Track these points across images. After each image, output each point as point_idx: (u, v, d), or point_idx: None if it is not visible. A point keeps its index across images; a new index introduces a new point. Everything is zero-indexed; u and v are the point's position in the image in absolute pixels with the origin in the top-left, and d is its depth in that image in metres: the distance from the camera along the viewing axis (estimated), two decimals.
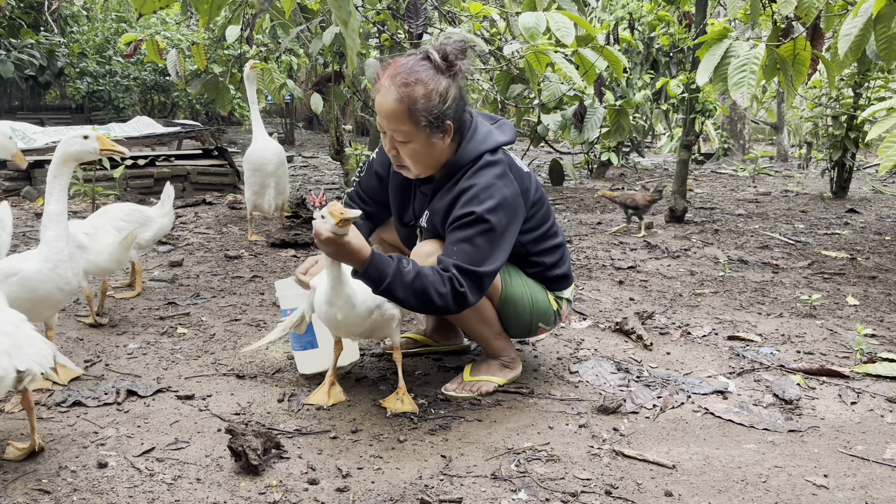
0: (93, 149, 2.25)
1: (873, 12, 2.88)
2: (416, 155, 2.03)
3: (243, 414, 2.07)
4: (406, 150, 2.03)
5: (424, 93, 1.95)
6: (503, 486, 1.70)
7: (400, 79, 1.96)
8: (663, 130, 10.10)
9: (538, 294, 2.23)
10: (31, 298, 2.12)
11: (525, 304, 2.20)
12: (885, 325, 3.00)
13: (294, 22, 4.12)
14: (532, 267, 2.23)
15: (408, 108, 1.95)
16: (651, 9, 8.06)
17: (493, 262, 1.98)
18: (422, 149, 2.02)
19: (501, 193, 2.00)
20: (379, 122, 2.04)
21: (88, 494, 1.63)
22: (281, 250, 4.25)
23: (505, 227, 2.00)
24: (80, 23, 11.29)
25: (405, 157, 2.04)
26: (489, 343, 2.28)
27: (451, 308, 1.96)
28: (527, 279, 2.23)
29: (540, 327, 2.28)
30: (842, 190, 6.88)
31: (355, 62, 1.84)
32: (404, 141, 2.00)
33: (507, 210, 2.00)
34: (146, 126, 7.80)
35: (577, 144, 8.90)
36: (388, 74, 1.99)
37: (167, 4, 2.75)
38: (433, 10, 3.94)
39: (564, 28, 2.74)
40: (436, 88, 1.97)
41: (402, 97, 1.95)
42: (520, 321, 2.23)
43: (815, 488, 1.72)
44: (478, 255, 1.95)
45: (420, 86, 1.95)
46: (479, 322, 2.20)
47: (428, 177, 2.14)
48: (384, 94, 1.98)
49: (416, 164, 2.06)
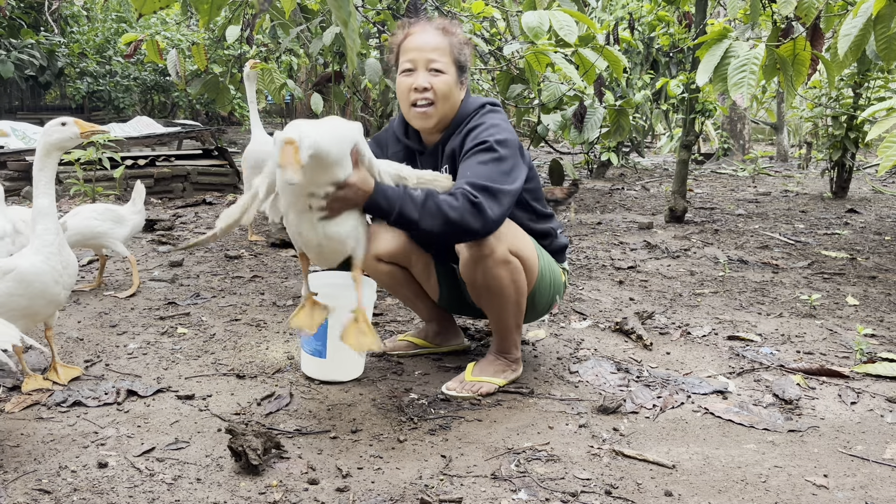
0: (73, 134, 2.21)
1: (873, 12, 2.88)
2: (446, 88, 2.16)
3: (243, 414, 2.07)
4: (440, 82, 2.16)
5: (459, 40, 2.21)
6: (503, 486, 1.70)
7: (439, 23, 2.23)
8: (663, 130, 10.10)
9: (554, 266, 2.34)
10: (28, 294, 2.11)
11: (547, 278, 2.29)
12: (885, 325, 3.00)
13: (294, 22, 4.12)
14: (544, 238, 2.32)
15: (450, 43, 2.18)
16: (651, 9, 8.06)
17: (507, 182, 2.03)
18: (451, 84, 2.18)
19: (508, 132, 2.14)
20: (413, 59, 2.17)
21: (88, 494, 1.63)
22: (281, 250, 4.25)
23: (514, 160, 2.10)
24: (80, 23, 11.29)
25: (438, 89, 2.15)
26: (508, 333, 2.27)
27: (471, 223, 1.94)
28: (544, 253, 2.31)
29: (555, 301, 2.37)
30: (842, 190, 6.88)
31: (355, 62, 1.84)
32: (442, 70, 2.16)
33: (514, 148, 2.12)
34: (146, 126, 7.81)
35: (577, 144, 8.89)
36: (421, 24, 2.23)
37: (167, 4, 2.75)
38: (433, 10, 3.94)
39: (567, 26, 2.74)
40: (464, 41, 2.25)
41: (446, 34, 2.19)
42: (543, 297, 2.31)
43: (815, 488, 1.72)
44: (490, 173, 2.02)
45: (455, 36, 2.22)
46: (513, 305, 2.18)
47: (432, 144, 2.28)
48: (424, 34, 2.18)
49: (442, 101, 2.17)
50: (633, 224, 5.38)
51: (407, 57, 2.18)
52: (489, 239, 2.06)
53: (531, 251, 2.20)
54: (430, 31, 2.19)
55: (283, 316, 2.99)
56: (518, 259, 2.14)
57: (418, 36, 2.18)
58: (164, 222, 4.80)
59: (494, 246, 2.08)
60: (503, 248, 2.10)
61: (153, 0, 2.66)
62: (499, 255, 2.09)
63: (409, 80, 2.17)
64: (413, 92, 2.16)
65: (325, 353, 2.26)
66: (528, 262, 2.18)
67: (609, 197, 6.94)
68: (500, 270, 2.11)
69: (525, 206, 2.27)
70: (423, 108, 2.17)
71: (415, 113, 2.18)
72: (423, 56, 2.15)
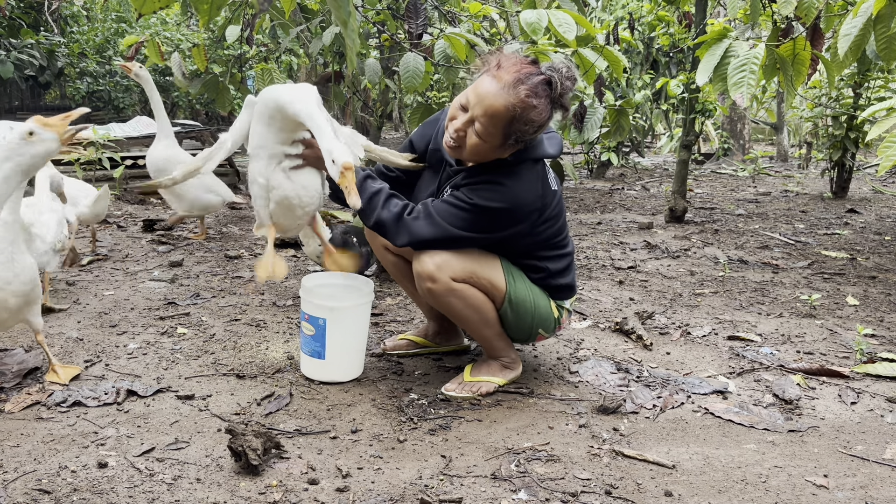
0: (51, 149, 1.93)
1: (873, 12, 2.88)
2: (478, 149, 2.02)
3: (243, 414, 2.07)
4: (473, 142, 2.01)
5: (529, 118, 1.96)
6: (503, 486, 1.70)
7: (523, 90, 1.93)
8: (663, 130, 10.10)
9: (540, 300, 2.22)
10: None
11: (527, 308, 2.19)
12: (885, 325, 3.00)
13: (294, 22, 4.12)
14: (536, 272, 2.22)
15: (511, 118, 1.95)
16: (651, 9, 8.06)
17: (453, 226, 2.05)
18: (488, 150, 2.03)
19: (501, 200, 2.03)
20: (470, 104, 1.99)
21: (88, 494, 1.63)
22: (281, 250, 4.25)
23: (479, 221, 2.05)
24: (80, 23, 11.29)
25: (469, 143, 2.02)
26: (490, 343, 2.28)
27: (390, 231, 2.09)
28: (531, 284, 2.21)
29: (539, 333, 2.27)
30: (842, 190, 6.88)
31: (355, 62, 1.84)
32: (482, 137, 1.99)
33: (489, 216, 2.04)
34: (146, 126, 7.79)
35: (577, 144, 8.89)
36: (513, 72, 1.95)
37: (167, 4, 2.74)
38: (433, 10, 3.94)
39: (566, 24, 2.74)
40: (539, 120, 1.97)
41: (513, 107, 1.94)
42: (521, 325, 2.23)
43: (815, 488, 1.72)
44: (446, 210, 2.05)
45: (532, 111, 1.95)
46: (482, 323, 2.20)
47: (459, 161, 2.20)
48: (499, 91, 1.94)
49: (471, 154, 2.05)
50: (633, 224, 5.38)
51: (473, 90, 1.99)
52: (429, 265, 2.08)
53: (490, 274, 2.13)
54: (504, 97, 1.93)
55: (283, 316, 2.99)
56: (468, 283, 2.11)
57: (491, 85, 1.95)
58: (164, 222, 4.80)
59: (433, 273, 2.09)
60: (444, 277, 2.08)
61: (153, 0, 2.66)
62: (441, 284, 2.09)
63: (458, 112, 2.03)
64: (450, 123, 2.06)
65: (324, 355, 2.27)
66: (484, 284, 2.13)
67: (609, 197, 6.94)
68: (449, 299, 2.12)
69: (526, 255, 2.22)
70: (451, 144, 2.08)
71: (446, 139, 2.10)
72: (479, 110, 1.96)
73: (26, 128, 1.90)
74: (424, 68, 2.99)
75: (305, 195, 2.20)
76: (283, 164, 2.15)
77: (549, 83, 1.97)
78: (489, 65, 2.00)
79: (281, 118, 2.08)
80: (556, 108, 2.01)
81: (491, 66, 1.99)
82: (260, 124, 2.13)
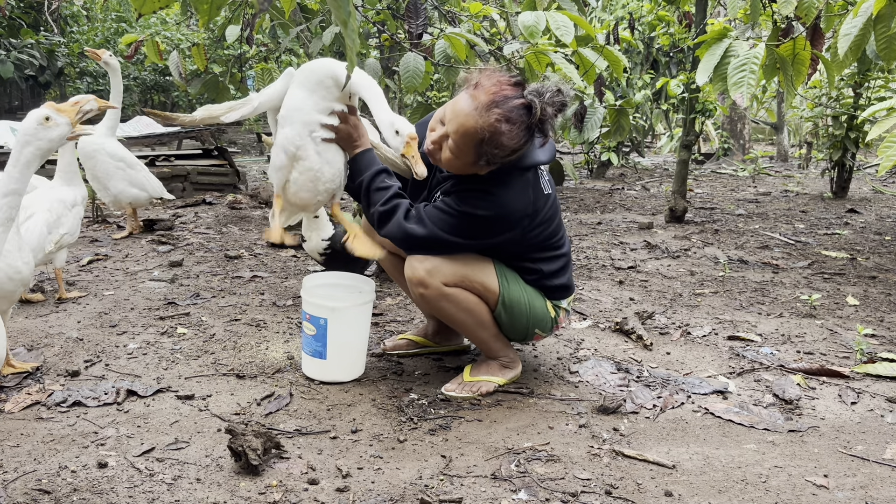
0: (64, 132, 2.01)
1: (873, 12, 2.88)
2: (452, 164, 2.03)
3: (243, 414, 2.07)
4: (447, 156, 2.01)
5: (500, 142, 1.91)
6: (503, 486, 1.70)
7: (495, 113, 1.90)
8: (663, 130, 10.10)
9: (536, 300, 2.21)
10: None
11: (522, 310, 2.19)
12: (885, 325, 3.00)
13: (294, 22, 4.12)
14: (529, 274, 2.21)
15: (480, 140, 1.92)
16: (651, 9, 8.06)
17: (444, 236, 2.06)
18: (461, 166, 2.02)
19: (487, 208, 2.03)
20: (446, 119, 1.98)
21: (88, 494, 1.63)
22: (281, 250, 4.25)
23: (468, 227, 2.05)
24: (80, 23, 11.29)
25: (443, 157, 2.02)
26: (487, 344, 2.28)
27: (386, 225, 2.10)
28: (525, 285, 2.21)
29: (536, 333, 2.27)
30: (842, 190, 6.88)
31: (355, 62, 1.84)
32: (454, 154, 1.98)
33: (487, 226, 2.05)
34: (146, 126, 7.79)
35: (577, 144, 8.90)
36: (490, 93, 1.91)
37: (167, 4, 2.74)
38: (433, 10, 3.94)
39: (564, 27, 2.73)
40: (511, 145, 1.93)
41: (482, 130, 1.91)
42: (516, 326, 2.22)
43: (815, 488, 1.72)
44: (437, 216, 2.06)
45: (504, 136, 1.90)
46: (477, 326, 2.20)
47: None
48: (471, 111, 1.92)
49: (446, 167, 2.07)
50: (633, 224, 5.38)
51: (451, 105, 1.98)
52: (419, 271, 2.10)
53: (482, 277, 2.13)
54: (476, 117, 1.91)
55: (284, 316, 2.99)
56: (460, 287, 2.12)
57: (466, 103, 1.93)
58: (164, 222, 4.80)
59: (424, 279, 2.10)
60: (436, 282, 2.09)
61: (153, 0, 2.66)
62: (433, 290, 2.10)
63: (437, 124, 2.02)
64: (430, 133, 2.05)
65: (325, 355, 2.27)
66: (477, 287, 2.14)
67: (609, 197, 6.94)
68: (441, 304, 2.14)
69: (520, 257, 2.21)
70: (430, 153, 2.07)
71: (426, 146, 2.08)
72: (452, 126, 1.95)
73: (42, 113, 1.95)
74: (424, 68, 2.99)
75: (329, 171, 2.15)
76: (314, 133, 2.10)
77: (529, 108, 1.92)
78: (469, 82, 1.97)
79: (331, 86, 2.05)
80: (534, 132, 1.96)
81: (471, 84, 1.96)
82: (303, 89, 2.08)
